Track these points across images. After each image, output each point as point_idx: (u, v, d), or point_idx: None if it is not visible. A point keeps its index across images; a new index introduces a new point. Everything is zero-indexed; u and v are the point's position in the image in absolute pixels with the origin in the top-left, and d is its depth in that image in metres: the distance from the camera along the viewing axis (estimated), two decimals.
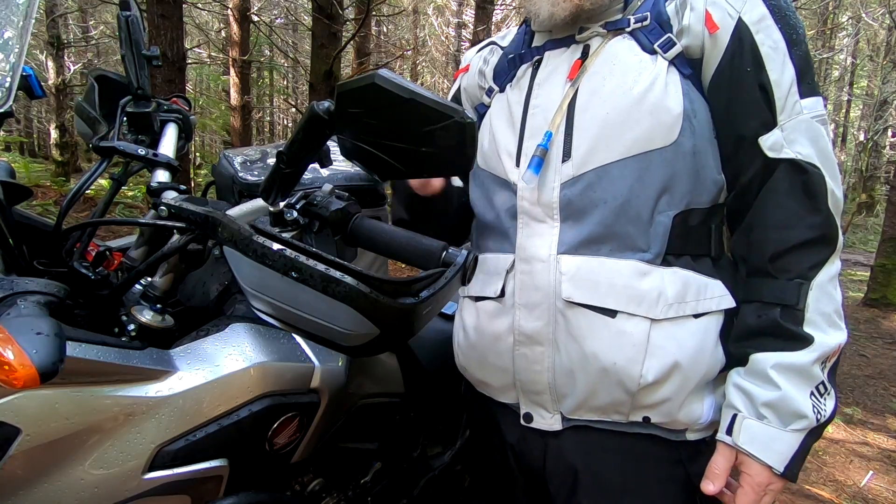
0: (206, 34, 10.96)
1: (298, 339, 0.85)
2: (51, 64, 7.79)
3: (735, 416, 0.72)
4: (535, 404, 0.82)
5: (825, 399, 0.70)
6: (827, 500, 2.22)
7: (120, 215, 4.95)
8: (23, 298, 0.56)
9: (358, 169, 1.08)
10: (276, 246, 0.55)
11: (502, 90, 0.90)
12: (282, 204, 0.74)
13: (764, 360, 0.71)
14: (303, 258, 0.54)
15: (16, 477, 0.58)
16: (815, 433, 0.70)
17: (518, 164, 0.83)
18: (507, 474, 0.90)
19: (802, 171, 0.71)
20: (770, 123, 0.72)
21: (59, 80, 7.68)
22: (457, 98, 1.04)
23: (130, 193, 5.78)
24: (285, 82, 15.33)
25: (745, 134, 0.74)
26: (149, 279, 0.77)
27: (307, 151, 0.65)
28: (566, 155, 0.78)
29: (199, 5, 8.80)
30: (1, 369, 0.48)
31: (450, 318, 1.27)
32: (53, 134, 7.85)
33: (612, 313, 0.74)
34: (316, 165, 0.73)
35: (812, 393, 0.69)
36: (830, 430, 2.83)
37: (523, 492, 0.90)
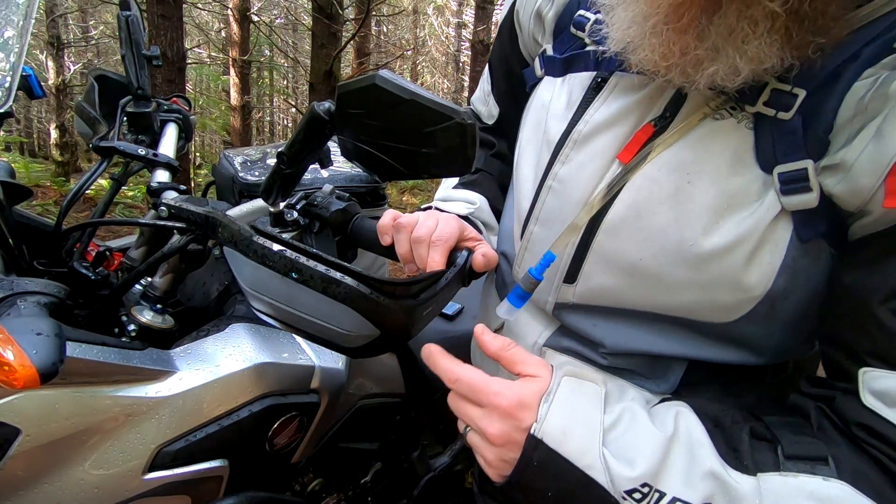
0: (206, 34, 10.95)
1: (298, 339, 0.84)
2: (51, 64, 7.78)
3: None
4: None
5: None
6: None
7: (120, 215, 4.95)
8: (23, 299, 0.56)
9: (358, 170, 1.08)
10: (276, 247, 0.55)
11: (557, 72, 0.64)
12: (282, 204, 0.74)
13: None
14: (303, 259, 0.53)
15: (16, 477, 0.58)
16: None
17: (522, 235, 0.65)
18: None
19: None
20: None
21: (59, 80, 7.67)
22: (504, 30, 0.77)
23: (130, 193, 5.77)
24: (285, 82, 15.33)
25: (847, 344, 0.46)
26: (149, 279, 0.77)
27: (307, 152, 0.65)
28: (570, 278, 0.58)
29: (199, 5, 8.80)
30: (1, 370, 0.48)
31: (450, 319, 1.28)
32: (53, 134, 7.84)
33: None
34: (316, 166, 0.73)
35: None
36: None
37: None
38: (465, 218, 0.75)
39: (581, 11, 0.62)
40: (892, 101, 0.41)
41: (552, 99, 0.64)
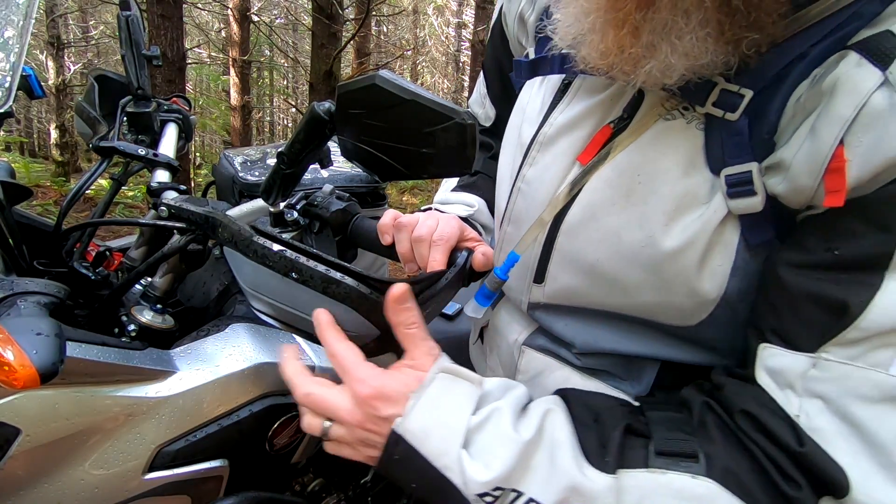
0: (206, 34, 10.96)
1: (298, 339, 0.84)
2: (51, 64, 7.78)
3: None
4: None
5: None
6: None
7: (120, 215, 4.95)
8: (23, 299, 0.56)
9: (358, 170, 1.08)
10: (276, 247, 0.55)
11: (524, 76, 0.66)
12: (282, 204, 0.74)
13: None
14: (303, 259, 0.53)
15: (16, 477, 0.58)
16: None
17: (498, 234, 0.68)
18: None
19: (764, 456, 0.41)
20: (801, 339, 0.41)
21: (59, 80, 7.68)
22: (496, 32, 0.79)
23: (130, 193, 5.77)
24: (285, 82, 15.33)
25: (756, 321, 0.47)
26: (149, 279, 0.77)
27: (308, 152, 0.65)
28: (539, 278, 0.60)
29: (199, 5, 8.80)
30: (1, 370, 0.48)
31: (450, 319, 1.28)
32: (53, 134, 7.85)
33: None
34: (316, 166, 0.73)
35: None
36: None
37: None
38: (465, 220, 0.76)
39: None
40: (825, 97, 0.40)
41: (528, 101, 0.64)
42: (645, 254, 0.49)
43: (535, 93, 0.64)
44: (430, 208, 0.79)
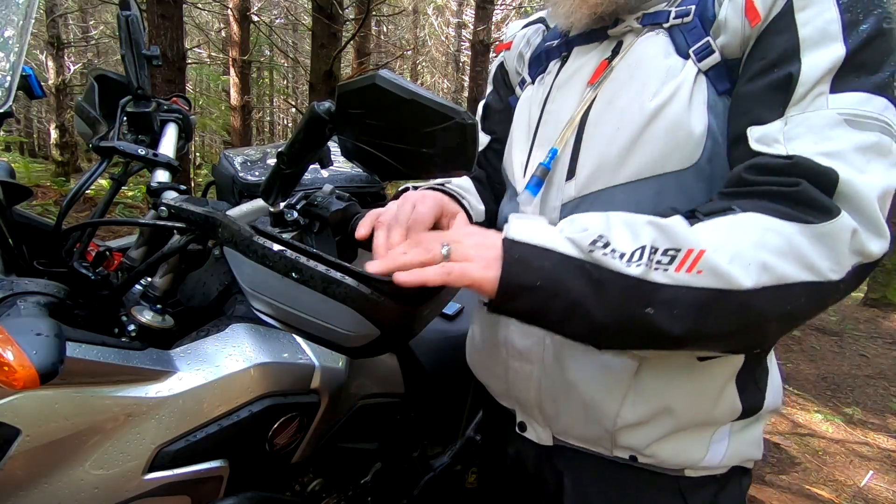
0: (206, 34, 10.97)
1: (299, 339, 0.84)
2: (51, 64, 7.79)
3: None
4: (529, 416, 0.80)
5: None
6: (827, 500, 2.22)
7: (120, 215, 4.95)
8: (22, 299, 0.56)
9: (358, 170, 1.08)
10: (276, 247, 0.55)
11: (533, 81, 0.84)
12: (282, 204, 0.74)
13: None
14: (303, 259, 0.53)
15: (16, 477, 0.58)
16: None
17: (525, 174, 0.78)
18: (506, 474, 0.90)
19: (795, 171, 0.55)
20: (771, 116, 0.58)
21: (59, 80, 7.68)
22: (496, 75, 0.97)
23: (130, 193, 5.77)
24: (285, 82, 15.33)
25: (739, 131, 0.61)
26: (149, 279, 0.77)
27: (308, 152, 0.65)
28: (570, 173, 0.71)
29: (199, 5, 8.80)
30: (1, 370, 0.48)
31: (450, 319, 1.28)
32: (53, 134, 7.85)
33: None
34: (316, 166, 0.73)
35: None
36: (830, 430, 2.83)
37: (518, 493, 0.89)
38: (446, 193, 0.78)
39: (546, 45, 0.84)
40: None
41: (534, 91, 0.82)
42: (647, 111, 0.66)
43: (536, 85, 0.82)
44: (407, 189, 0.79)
